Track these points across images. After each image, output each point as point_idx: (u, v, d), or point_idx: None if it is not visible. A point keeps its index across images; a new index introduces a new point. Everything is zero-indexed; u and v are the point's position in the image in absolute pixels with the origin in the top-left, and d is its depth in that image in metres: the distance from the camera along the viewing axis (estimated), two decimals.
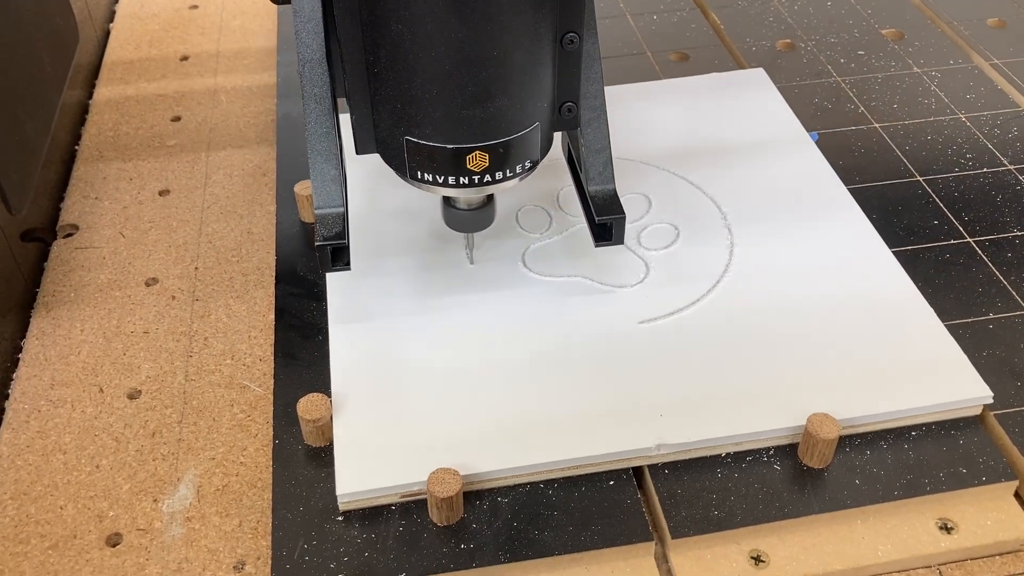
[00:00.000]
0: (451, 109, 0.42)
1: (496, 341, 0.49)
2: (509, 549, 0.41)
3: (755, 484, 0.44)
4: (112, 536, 0.44)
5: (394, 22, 0.40)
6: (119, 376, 0.51)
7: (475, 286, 0.52)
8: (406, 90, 0.42)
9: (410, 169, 0.44)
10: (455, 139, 0.43)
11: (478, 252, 0.53)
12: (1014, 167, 0.61)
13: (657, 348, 0.48)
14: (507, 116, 0.42)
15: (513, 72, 0.41)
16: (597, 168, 0.48)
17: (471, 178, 0.44)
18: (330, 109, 0.45)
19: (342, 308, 0.50)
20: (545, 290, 0.51)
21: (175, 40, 0.77)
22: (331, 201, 0.45)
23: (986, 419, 0.47)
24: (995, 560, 0.42)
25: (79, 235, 0.59)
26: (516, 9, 0.40)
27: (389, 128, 0.44)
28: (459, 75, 0.41)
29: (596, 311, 0.50)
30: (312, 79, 0.45)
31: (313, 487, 0.44)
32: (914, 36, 0.73)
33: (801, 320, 0.49)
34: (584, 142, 0.48)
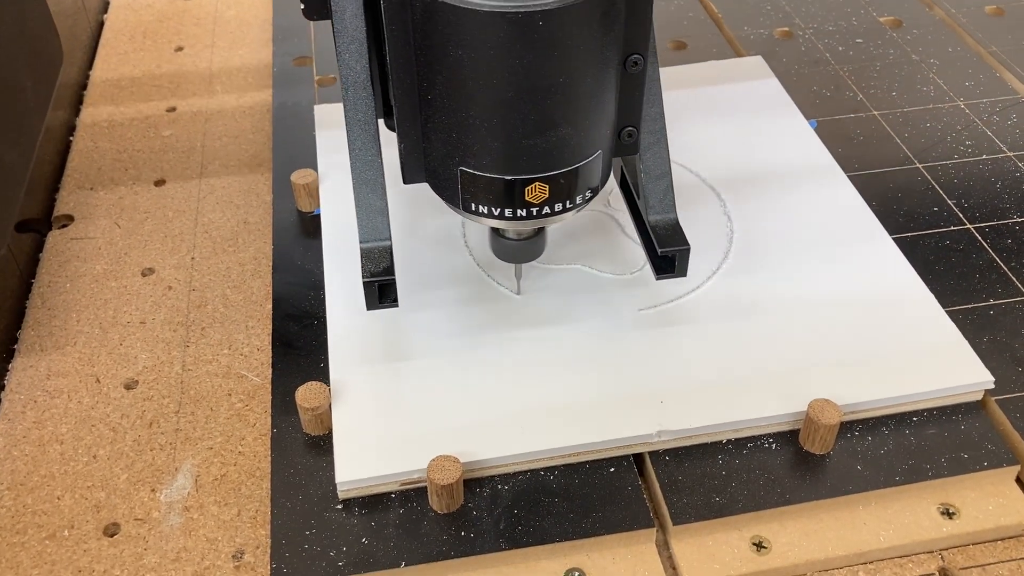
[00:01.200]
0: (512, 139, 0.39)
1: (494, 329, 0.48)
2: (510, 536, 0.41)
3: (756, 470, 0.44)
4: (110, 526, 0.43)
5: (453, 47, 0.37)
6: (116, 366, 0.50)
7: (472, 272, 0.51)
8: (463, 119, 0.39)
9: (463, 201, 0.42)
10: (514, 170, 0.40)
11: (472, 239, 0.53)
12: (1013, 154, 0.61)
13: (657, 335, 0.48)
14: (570, 145, 0.40)
15: (579, 99, 0.39)
16: (657, 196, 0.45)
17: (529, 210, 0.41)
18: (375, 135, 0.43)
19: (340, 296, 0.50)
20: (545, 279, 0.51)
21: (170, 31, 0.76)
22: (378, 234, 0.43)
23: (987, 404, 0.46)
24: (997, 545, 0.42)
25: (74, 226, 0.59)
26: (587, 33, 0.37)
27: (441, 158, 0.41)
28: (522, 103, 0.38)
29: (596, 299, 0.50)
30: (356, 103, 0.42)
31: (312, 476, 0.44)
32: (912, 24, 0.73)
33: (801, 306, 0.49)
34: (643, 168, 0.45)
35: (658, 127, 0.44)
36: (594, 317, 0.49)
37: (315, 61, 0.70)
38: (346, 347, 0.48)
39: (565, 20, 0.36)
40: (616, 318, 0.49)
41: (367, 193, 0.43)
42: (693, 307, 0.49)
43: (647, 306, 0.49)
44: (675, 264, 0.45)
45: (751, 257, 0.52)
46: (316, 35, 0.72)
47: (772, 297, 0.50)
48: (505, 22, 0.36)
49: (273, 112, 0.65)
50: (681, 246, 0.45)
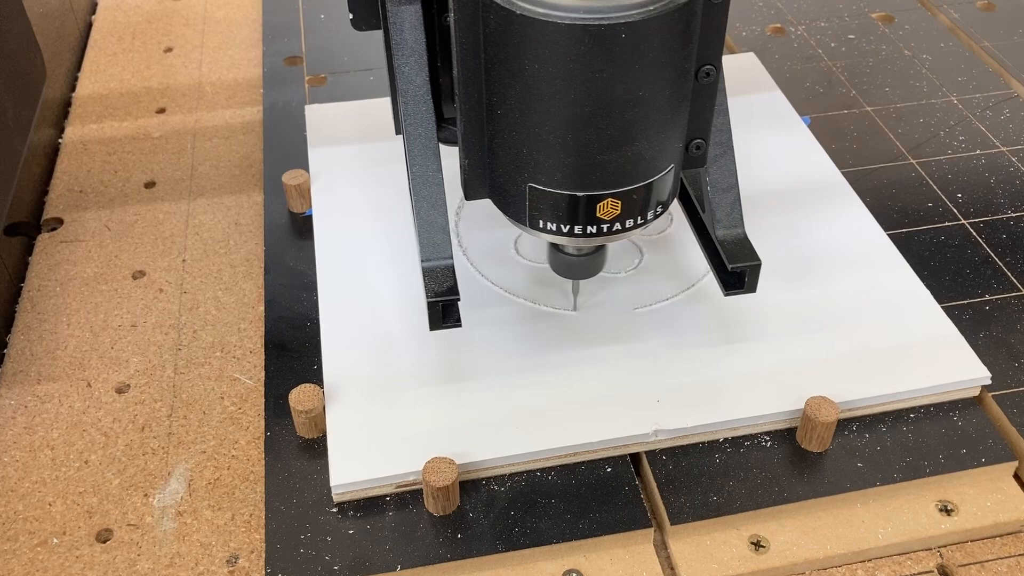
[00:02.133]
0: (586, 154, 0.38)
1: (488, 328, 0.48)
2: (506, 538, 0.41)
3: (754, 469, 0.43)
4: (102, 532, 0.43)
5: (529, 61, 0.36)
6: (107, 370, 0.50)
7: (465, 274, 0.51)
8: (535, 134, 0.38)
9: (531, 218, 0.40)
10: (587, 186, 0.38)
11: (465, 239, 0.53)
12: (1006, 148, 0.61)
13: (653, 334, 0.48)
14: (644, 159, 0.39)
15: (656, 112, 0.38)
16: (725, 209, 0.44)
17: (599, 226, 0.40)
18: (436, 150, 0.41)
19: (333, 297, 0.50)
20: (538, 276, 0.51)
21: (159, 32, 0.76)
22: (440, 252, 0.41)
23: (984, 400, 0.46)
24: (995, 541, 0.42)
25: (64, 229, 0.58)
26: (667, 45, 0.36)
27: (509, 174, 0.40)
28: (599, 118, 0.37)
29: (591, 297, 0.50)
30: (416, 118, 0.41)
31: (306, 479, 0.43)
32: (904, 19, 0.73)
33: (798, 303, 0.49)
34: (710, 180, 0.44)
35: (724, 138, 0.43)
36: (590, 316, 0.49)
37: (305, 61, 0.69)
38: (339, 349, 0.47)
39: (647, 32, 0.35)
40: (611, 317, 0.49)
41: (428, 210, 0.41)
42: (689, 305, 0.49)
43: (643, 305, 0.49)
44: (745, 280, 0.44)
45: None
46: (306, 35, 0.72)
47: (768, 294, 0.50)
48: (587, 35, 0.35)
49: (263, 113, 0.65)
50: (752, 261, 0.43)
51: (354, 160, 0.58)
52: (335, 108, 0.62)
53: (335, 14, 0.74)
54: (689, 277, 0.51)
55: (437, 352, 0.47)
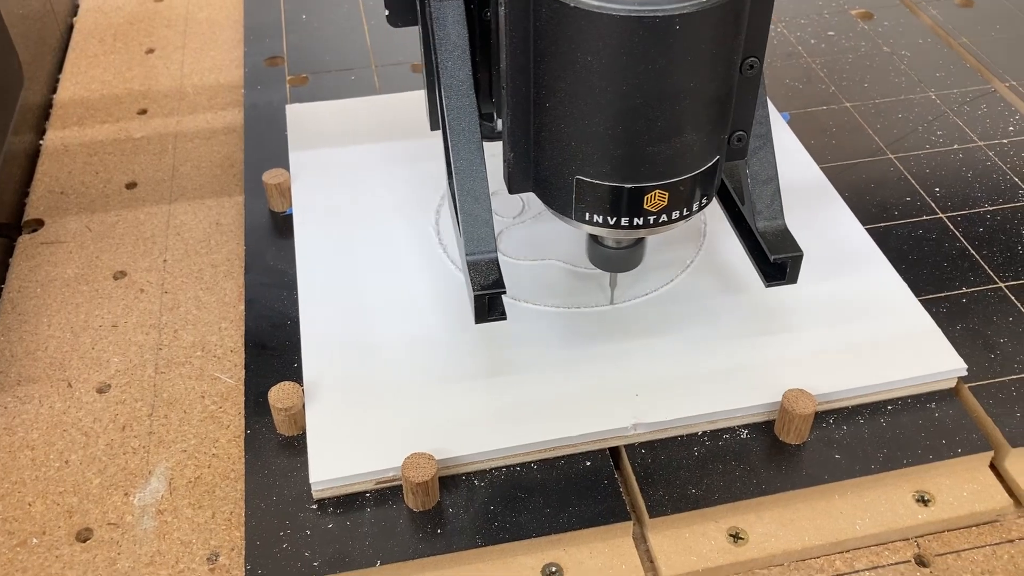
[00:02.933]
0: (635, 146, 0.38)
1: (469, 324, 0.48)
2: (486, 533, 0.41)
3: (732, 461, 0.43)
4: (82, 531, 0.43)
5: (582, 53, 0.36)
6: (88, 370, 0.50)
7: (445, 270, 0.51)
8: (585, 126, 0.38)
9: (576, 210, 0.40)
10: (636, 178, 0.39)
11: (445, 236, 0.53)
12: (984, 143, 0.61)
13: (632, 328, 0.48)
14: (693, 151, 0.39)
15: (705, 104, 0.38)
16: (765, 201, 0.44)
17: (646, 218, 0.40)
18: (480, 145, 0.42)
19: (313, 295, 0.50)
20: (518, 273, 0.51)
21: (140, 33, 0.76)
22: (484, 246, 0.41)
23: (961, 391, 0.47)
24: (972, 531, 0.42)
25: (44, 230, 0.58)
26: (719, 36, 0.37)
27: (556, 167, 0.40)
28: (651, 109, 0.37)
29: (570, 293, 0.50)
30: (459, 112, 0.41)
31: (287, 476, 0.43)
32: (883, 16, 0.73)
33: (775, 297, 0.49)
34: (750, 173, 0.44)
35: (764, 131, 0.44)
36: (569, 311, 0.49)
37: (287, 61, 0.69)
38: (319, 347, 0.47)
39: (701, 23, 0.36)
40: (591, 311, 0.49)
41: (472, 204, 0.41)
42: (667, 300, 0.49)
43: (621, 299, 0.49)
44: (787, 271, 0.44)
45: (725, 248, 0.52)
46: (288, 35, 0.72)
47: (746, 288, 0.50)
48: (642, 26, 0.35)
49: (245, 112, 0.65)
50: (793, 252, 0.44)
51: (335, 159, 0.58)
52: (316, 108, 0.63)
53: (317, 14, 0.74)
54: (667, 273, 0.51)
55: (416, 349, 0.47)
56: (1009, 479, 0.44)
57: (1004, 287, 0.51)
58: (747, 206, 0.45)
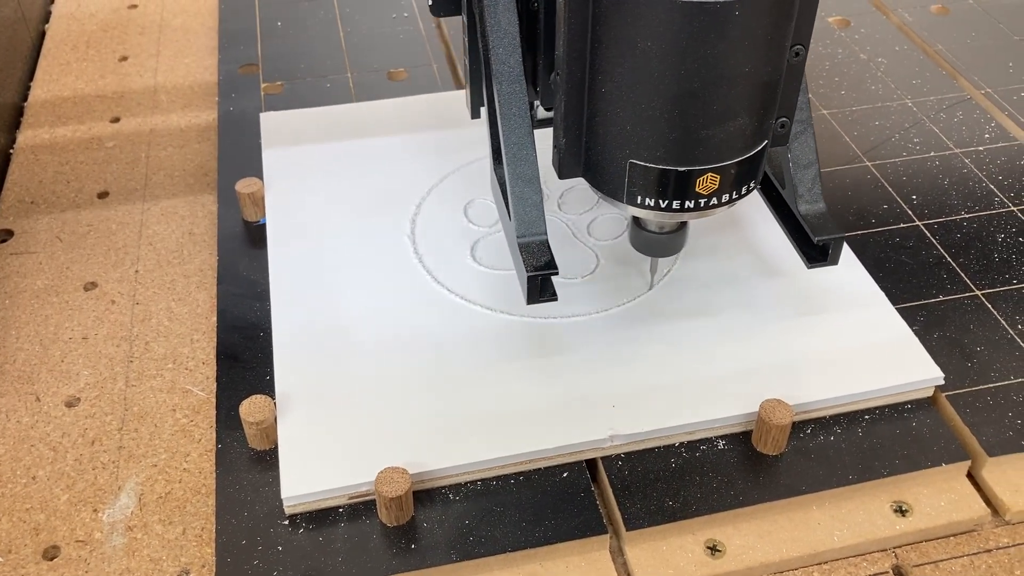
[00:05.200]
0: (690, 130, 0.39)
1: (443, 336, 0.48)
2: (461, 548, 0.40)
3: (709, 473, 0.43)
4: (49, 549, 0.42)
5: (642, 39, 0.37)
6: (57, 384, 0.49)
7: (423, 281, 0.51)
8: (641, 111, 0.39)
9: (628, 194, 0.41)
10: (690, 161, 0.40)
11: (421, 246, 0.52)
12: (960, 150, 0.61)
13: (608, 338, 0.48)
14: (744, 135, 0.40)
15: (757, 88, 0.39)
16: (806, 185, 0.46)
17: (697, 201, 0.41)
18: (530, 130, 0.42)
19: (285, 307, 0.49)
20: (494, 283, 0.51)
21: (113, 40, 0.75)
22: (535, 229, 0.42)
23: (938, 400, 0.46)
24: (949, 541, 0.42)
25: (14, 240, 0.57)
26: (774, 22, 0.38)
27: (609, 151, 0.41)
28: (707, 93, 0.38)
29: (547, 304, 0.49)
30: (510, 98, 0.42)
31: (258, 492, 0.43)
32: (860, 23, 0.73)
33: (752, 306, 0.49)
34: (791, 157, 0.45)
35: (804, 116, 0.45)
36: (545, 321, 0.48)
37: (261, 68, 0.69)
38: (292, 359, 0.47)
39: (758, 10, 0.37)
40: (567, 322, 0.48)
41: (523, 188, 0.42)
42: (643, 310, 0.49)
43: (597, 310, 0.49)
44: (828, 253, 0.45)
45: (702, 258, 0.52)
46: (263, 42, 0.71)
47: (722, 298, 0.50)
48: (703, 12, 0.36)
49: (219, 121, 0.64)
50: (836, 234, 0.45)
51: (309, 168, 0.58)
52: (291, 115, 0.62)
53: (292, 21, 0.74)
54: (644, 283, 0.50)
55: (390, 362, 0.47)
56: (986, 488, 0.44)
57: (981, 295, 0.51)
58: (788, 190, 0.47)
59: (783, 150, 0.46)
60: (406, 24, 0.73)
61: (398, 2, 0.76)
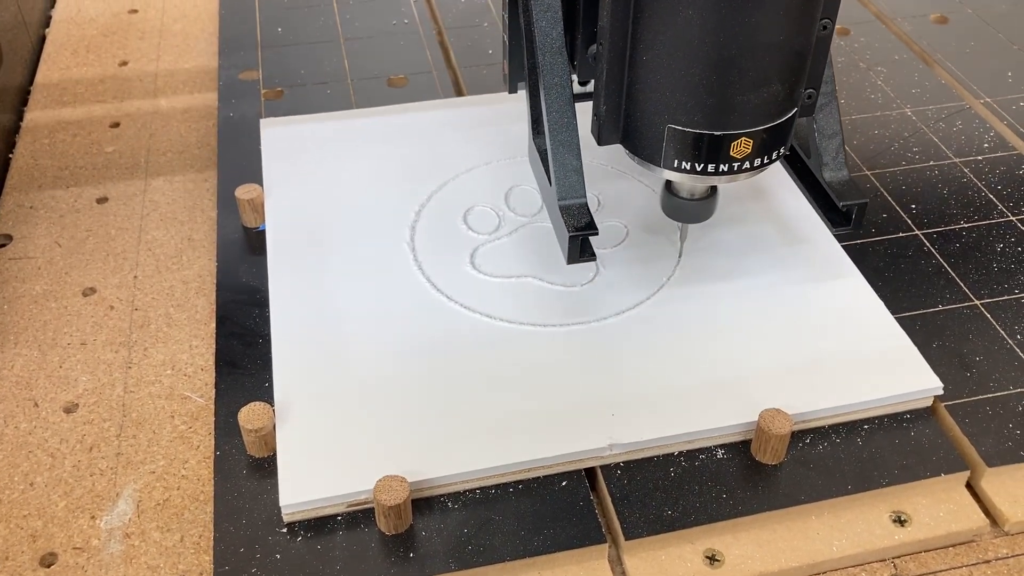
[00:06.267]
0: (727, 95, 0.41)
1: (442, 344, 0.48)
2: (459, 557, 0.40)
3: (708, 482, 0.43)
4: (46, 556, 0.42)
5: (684, 8, 0.39)
6: (55, 389, 0.49)
7: (422, 289, 0.51)
8: (681, 77, 0.41)
9: (666, 157, 0.44)
10: (725, 126, 0.42)
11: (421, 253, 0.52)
12: (959, 160, 0.61)
13: (608, 346, 0.48)
14: (777, 101, 0.42)
15: (790, 57, 0.42)
16: (831, 154, 0.48)
17: (731, 165, 0.43)
18: (570, 99, 0.45)
19: (285, 313, 0.49)
20: (493, 290, 0.51)
21: (114, 45, 0.75)
22: (575, 192, 0.45)
23: (937, 410, 0.46)
24: (948, 551, 0.42)
25: (13, 245, 0.57)
26: None
27: (648, 117, 0.43)
28: (745, 60, 0.40)
29: (546, 311, 0.49)
30: (552, 68, 0.44)
31: (256, 499, 0.43)
32: (859, 32, 0.73)
33: (751, 316, 0.49)
34: (818, 127, 0.48)
35: (829, 89, 0.47)
36: (544, 330, 0.48)
37: (262, 75, 0.69)
38: (291, 366, 0.47)
39: None
40: (566, 330, 0.48)
41: (564, 154, 0.45)
42: (643, 318, 0.49)
43: (597, 318, 0.49)
44: (853, 218, 0.48)
45: (701, 267, 0.52)
46: (263, 49, 0.71)
47: (721, 307, 0.50)
48: None
49: (219, 127, 0.64)
50: (859, 200, 0.47)
51: (309, 175, 0.58)
52: (291, 122, 0.62)
53: (292, 28, 0.74)
54: (643, 291, 0.50)
55: (389, 369, 0.47)
56: (985, 499, 0.44)
57: (980, 304, 0.51)
58: (813, 159, 0.49)
59: (809, 121, 0.48)
60: (406, 31, 0.73)
61: (398, 9, 0.76)
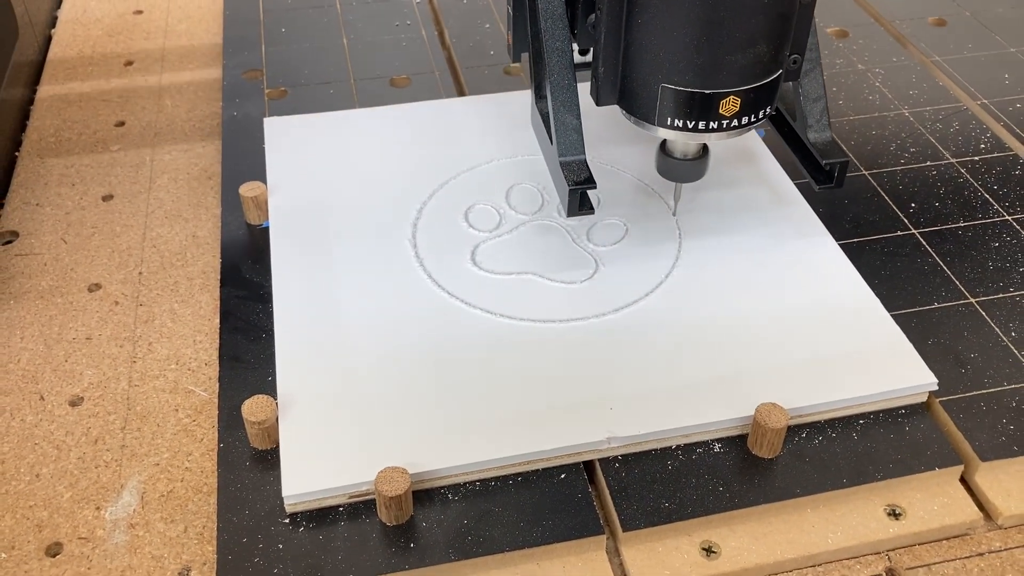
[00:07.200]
0: (716, 55, 0.44)
1: (443, 338, 0.48)
2: (459, 547, 0.41)
3: (705, 475, 0.44)
4: (52, 546, 0.42)
5: None
6: (61, 383, 0.49)
7: (421, 283, 0.51)
8: (675, 38, 0.44)
9: (659, 116, 0.46)
10: (714, 84, 0.45)
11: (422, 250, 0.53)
12: (956, 160, 0.62)
13: (607, 342, 0.48)
14: (763, 62, 0.45)
15: (774, 20, 0.44)
16: (815, 116, 0.51)
17: (720, 122, 0.46)
18: (571, 62, 0.48)
19: (288, 308, 0.50)
20: (494, 287, 0.51)
21: (119, 45, 0.76)
22: (574, 150, 0.48)
23: (932, 406, 0.47)
24: (942, 544, 0.43)
25: (19, 242, 0.58)
26: None
27: (643, 78, 0.46)
28: (731, 23, 0.43)
29: (546, 307, 0.50)
30: (554, 33, 0.47)
31: (259, 490, 0.43)
32: (858, 34, 0.74)
33: (749, 311, 0.50)
34: (803, 91, 0.51)
35: (814, 56, 0.50)
36: (544, 325, 0.49)
37: (265, 74, 0.69)
38: (293, 360, 0.47)
39: None
40: (566, 326, 0.49)
41: (564, 114, 0.48)
42: (642, 314, 0.50)
43: (596, 314, 0.50)
44: (834, 176, 0.51)
45: (700, 264, 0.52)
46: (267, 48, 0.72)
47: (719, 303, 0.50)
48: None
49: (223, 125, 0.65)
50: (841, 158, 0.50)
51: (312, 173, 0.58)
52: (294, 121, 0.63)
53: (296, 28, 0.75)
54: (642, 287, 0.51)
55: (390, 363, 0.47)
56: (979, 493, 0.44)
57: (975, 302, 0.52)
58: (799, 121, 0.52)
59: (794, 85, 0.51)
60: (409, 31, 0.74)
61: (401, 9, 0.77)
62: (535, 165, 0.58)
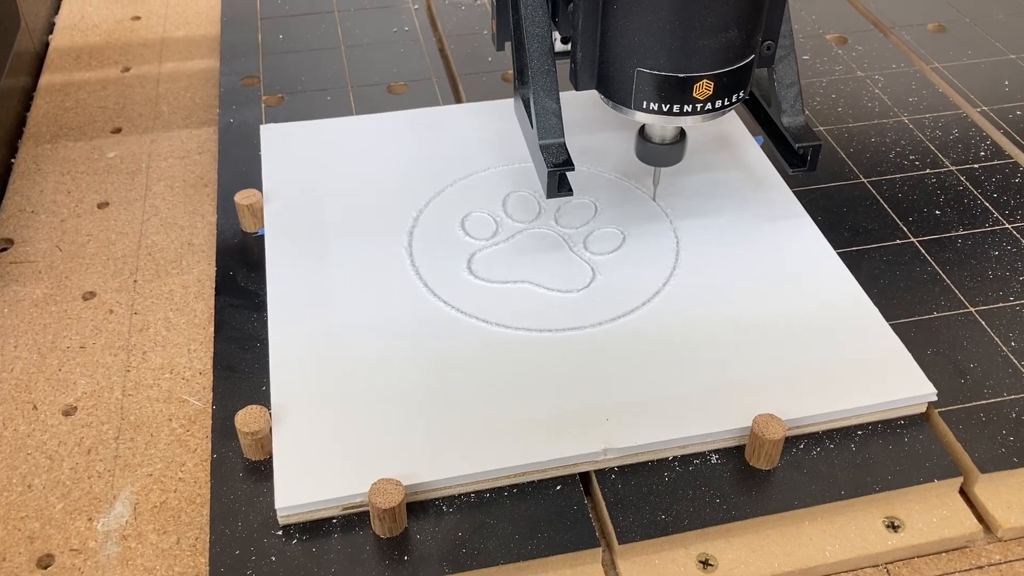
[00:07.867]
0: (689, 40, 0.45)
1: (439, 348, 0.48)
2: (453, 560, 0.41)
3: (702, 487, 0.43)
4: (43, 558, 0.42)
5: None
6: (54, 392, 0.49)
7: (417, 292, 0.51)
8: (648, 23, 0.45)
9: (635, 99, 0.48)
10: (688, 68, 0.46)
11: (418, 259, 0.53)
12: (955, 168, 0.61)
13: (603, 352, 0.48)
14: (735, 47, 0.46)
15: (746, 6, 0.45)
16: (789, 101, 0.52)
17: (694, 106, 0.47)
18: (551, 47, 0.49)
19: (282, 318, 0.50)
20: (490, 296, 0.51)
21: (116, 52, 0.75)
22: (554, 132, 0.49)
23: (931, 416, 0.47)
24: (941, 557, 0.42)
25: (14, 249, 0.58)
26: None
27: (619, 62, 0.47)
28: (704, 7, 0.44)
29: (542, 316, 0.50)
30: (534, 20, 0.49)
31: (252, 502, 0.43)
32: (857, 41, 0.74)
33: (747, 322, 0.49)
34: (777, 78, 0.52)
35: (788, 43, 0.52)
36: (540, 335, 0.49)
37: (262, 81, 0.69)
38: (288, 370, 0.47)
39: None
40: (562, 336, 0.49)
41: (544, 98, 0.49)
42: (638, 324, 0.49)
43: (592, 323, 0.49)
44: (807, 159, 0.52)
45: (697, 273, 0.52)
46: (264, 55, 0.72)
47: (717, 313, 0.50)
48: None
49: (219, 132, 0.64)
50: (814, 142, 0.52)
51: (308, 180, 0.58)
52: (290, 128, 0.62)
53: (293, 35, 0.74)
54: (639, 296, 0.51)
55: (385, 373, 0.47)
56: (979, 505, 0.44)
57: (975, 311, 0.52)
58: (774, 107, 0.53)
59: (769, 71, 0.52)
60: (406, 38, 0.74)
61: (399, 16, 0.77)
62: (532, 173, 0.58)
